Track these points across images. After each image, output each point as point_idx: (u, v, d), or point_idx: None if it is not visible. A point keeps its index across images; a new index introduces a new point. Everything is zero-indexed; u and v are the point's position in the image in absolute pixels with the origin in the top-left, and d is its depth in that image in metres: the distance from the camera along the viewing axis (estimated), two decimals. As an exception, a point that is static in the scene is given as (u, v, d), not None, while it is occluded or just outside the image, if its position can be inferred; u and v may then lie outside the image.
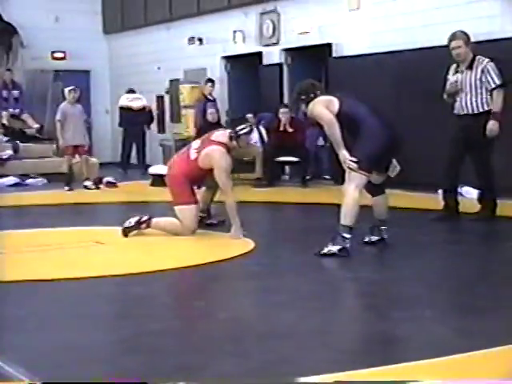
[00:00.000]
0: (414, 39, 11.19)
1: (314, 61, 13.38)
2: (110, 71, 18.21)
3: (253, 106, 13.78)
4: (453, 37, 8.10)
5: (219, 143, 7.40)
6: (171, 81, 16.14)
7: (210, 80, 13.98)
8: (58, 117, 12.26)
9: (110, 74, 18.17)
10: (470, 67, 8.00)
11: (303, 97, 6.70)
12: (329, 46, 12.67)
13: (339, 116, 6.42)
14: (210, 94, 13.74)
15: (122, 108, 15.67)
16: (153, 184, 12.45)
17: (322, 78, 13.11)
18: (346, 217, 6.32)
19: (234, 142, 7.43)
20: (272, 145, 12.39)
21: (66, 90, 12.54)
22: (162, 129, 16.80)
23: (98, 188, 12.30)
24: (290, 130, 12.27)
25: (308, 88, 6.74)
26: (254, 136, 12.73)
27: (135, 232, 7.52)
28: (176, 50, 15.95)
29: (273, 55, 13.80)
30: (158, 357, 3.87)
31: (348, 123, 6.44)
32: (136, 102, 15.57)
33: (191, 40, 15.41)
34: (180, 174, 7.51)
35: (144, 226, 7.54)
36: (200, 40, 15.36)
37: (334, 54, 12.61)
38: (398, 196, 9.30)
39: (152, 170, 12.81)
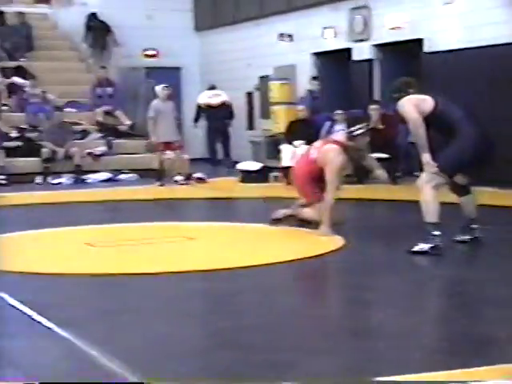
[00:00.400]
0: (510, 33, 10.88)
1: (405, 56, 13.18)
2: (200, 68, 18.38)
3: (342, 102, 13.68)
4: None
5: (336, 142, 7.54)
6: (261, 77, 16.18)
7: (315, 77, 14.07)
8: (150, 114, 12.46)
9: (201, 71, 18.34)
10: None
11: (395, 95, 6.63)
12: (421, 41, 12.47)
13: (432, 115, 6.32)
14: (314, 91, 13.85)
15: (200, 106, 15.95)
16: (242, 180, 12.51)
17: (414, 74, 12.91)
18: (429, 214, 6.25)
19: (351, 143, 7.47)
20: (362, 141, 12.26)
21: (159, 87, 12.71)
22: (251, 125, 16.86)
23: (188, 184, 12.44)
24: (381, 126, 12.13)
25: (400, 86, 6.67)
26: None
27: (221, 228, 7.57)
28: (266, 46, 15.98)
29: (363, 51, 13.67)
30: (248, 352, 3.88)
31: (441, 123, 6.35)
32: (215, 98, 15.80)
33: (281, 36, 15.41)
34: (301, 175, 7.69)
35: (292, 218, 7.73)
36: (290, 36, 15.34)
37: (427, 49, 12.40)
38: (494, 194, 9.10)
39: (241, 166, 12.87)
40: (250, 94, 16.80)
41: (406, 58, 13.19)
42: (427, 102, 6.38)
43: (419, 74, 12.49)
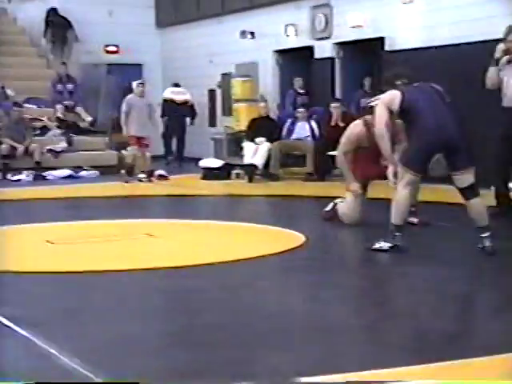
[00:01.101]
0: (469, 32, 11.02)
1: (366, 55, 13.28)
2: (162, 65, 18.30)
3: (304, 100, 13.73)
4: (509, 30, 7.99)
5: (364, 119, 7.67)
6: (223, 75, 16.18)
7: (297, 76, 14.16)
8: (123, 108, 12.49)
9: (162, 68, 18.27)
10: None
11: (384, 88, 6.58)
12: (382, 39, 12.56)
13: (402, 111, 6.25)
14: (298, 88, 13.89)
15: (165, 100, 16.13)
16: (204, 177, 12.50)
17: (375, 73, 13.01)
18: (395, 216, 6.23)
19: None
20: (323, 139, 12.35)
21: (134, 83, 12.78)
22: (213, 122, 16.85)
23: (150, 181, 12.40)
24: (342, 124, 12.18)
25: (389, 78, 6.60)
26: (306, 130, 12.73)
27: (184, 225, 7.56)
28: (228, 43, 15.97)
29: (325, 49, 13.73)
30: (207, 350, 3.88)
31: (409, 117, 6.27)
32: (179, 95, 16.06)
33: (243, 34, 15.42)
34: None
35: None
36: (252, 34, 15.35)
37: (387, 48, 12.49)
38: (451, 192, 9.19)
39: (203, 163, 12.86)
40: (212, 91, 16.78)
41: (367, 57, 13.28)
42: (395, 101, 6.26)
43: (380, 73, 12.59)
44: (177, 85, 16.34)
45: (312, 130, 12.62)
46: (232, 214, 9.40)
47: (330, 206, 7.93)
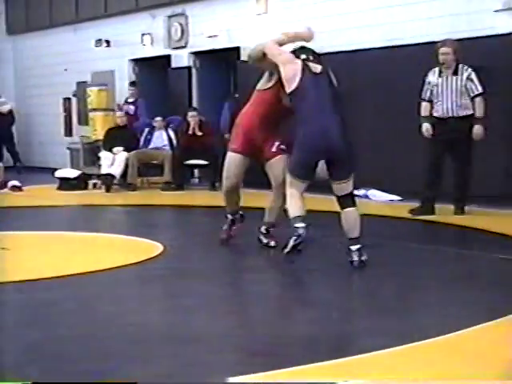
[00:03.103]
0: (322, 44, 11.29)
1: (222, 64, 13.41)
2: (14, 73, 17.82)
3: (162, 109, 13.69)
4: (443, 43, 8.52)
5: None
6: (78, 83, 15.91)
7: (132, 83, 14.01)
8: None
9: (15, 76, 17.79)
10: (455, 73, 8.42)
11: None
12: (237, 49, 12.71)
13: (293, 94, 6.06)
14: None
15: None
16: (60, 188, 12.25)
17: (231, 82, 13.16)
18: (289, 211, 6.05)
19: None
20: (181, 148, 12.37)
21: None
22: (68, 132, 16.54)
23: (2, 192, 12.00)
24: (199, 133, 12.26)
25: (295, 52, 6.51)
26: (163, 139, 12.70)
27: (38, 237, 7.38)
28: (83, 52, 15.73)
29: (181, 58, 13.76)
30: (64, 363, 3.80)
31: (296, 108, 6.08)
32: (4, 106, 16.33)
33: (98, 42, 15.24)
34: None
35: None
36: (107, 42, 15.19)
37: (243, 58, 12.64)
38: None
39: (59, 173, 12.60)
40: (67, 100, 16.48)
41: (223, 66, 13.41)
42: (297, 75, 6.09)
43: (235, 82, 12.76)
44: None
45: (169, 138, 12.61)
46: (89, 224, 9.25)
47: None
